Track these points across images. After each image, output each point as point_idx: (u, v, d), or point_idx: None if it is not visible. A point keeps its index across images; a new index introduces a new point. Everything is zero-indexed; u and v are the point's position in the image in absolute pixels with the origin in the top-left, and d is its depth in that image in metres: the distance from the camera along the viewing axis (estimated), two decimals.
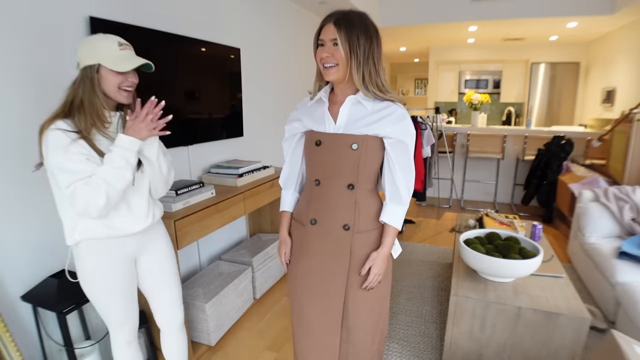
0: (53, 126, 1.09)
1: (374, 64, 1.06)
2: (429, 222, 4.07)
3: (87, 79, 1.12)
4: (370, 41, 1.04)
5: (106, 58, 1.12)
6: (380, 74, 1.08)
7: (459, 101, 6.83)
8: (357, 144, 1.09)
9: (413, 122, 3.62)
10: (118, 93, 1.17)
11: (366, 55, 1.04)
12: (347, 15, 1.04)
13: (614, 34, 4.78)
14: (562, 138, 3.86)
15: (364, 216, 1.15)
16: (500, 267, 1.70)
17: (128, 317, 1.34)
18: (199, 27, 2.30)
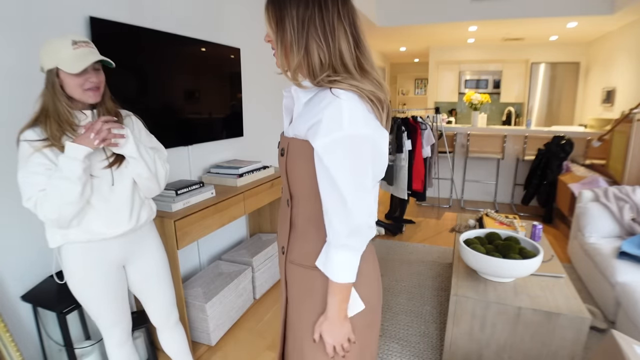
0: (21, 137, 1.09)
1: (318, 40, 0.75)
2: (429, 222, 4.07)
3: (49, 83, 1.09)
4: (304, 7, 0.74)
5: (61, 60, 1.07)
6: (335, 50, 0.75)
7: (459, 101, 6.83)
8: (284, 148, 0.84)
9: (413, 122, 3.66)
10: (84, 94, 1.12)
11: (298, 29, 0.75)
12: None
13: (614, 34, 4.78)
14: (562, 138, 3.86)
15: (299, 245, 0.88)
16: (500, 267, 1.70)
17: (117, 319, 1.32)
18: (199, 27, 2.30)
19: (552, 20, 4.36)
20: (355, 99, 0.74)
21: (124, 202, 1.23)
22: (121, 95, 1.34)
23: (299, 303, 0.91)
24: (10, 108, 1.39)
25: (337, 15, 0.76)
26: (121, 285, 1.32)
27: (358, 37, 0.79)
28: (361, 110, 0.74)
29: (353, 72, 0.77)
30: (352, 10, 0.78)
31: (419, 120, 3.66)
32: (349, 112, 0.72)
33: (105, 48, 1.67)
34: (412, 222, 4.02)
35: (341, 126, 0.71)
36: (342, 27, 0.76)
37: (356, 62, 0.78)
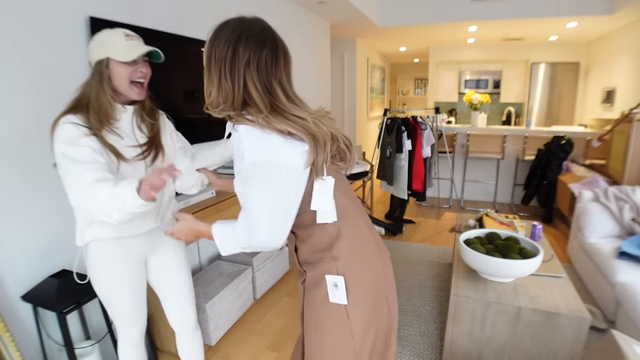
0: (64, 120, 1.06)
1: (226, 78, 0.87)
2: (429, 222, 4.07)
3: (96, 74, 1.10)
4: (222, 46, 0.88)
5: (113, 50, 1.08)
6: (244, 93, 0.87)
7: (459, 101, 6.83)
8: None
9: (413, 122, 3.66)
10: (129, 88, 1.13)
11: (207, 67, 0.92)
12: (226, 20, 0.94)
13: (614, 34, 4.78)
14: (562, 138, 3.86)
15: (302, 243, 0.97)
16: (500, 267, 1.70)
17: (137, 318, 1.33)
18: (199, 27, 2.30)
19: (552, 20, 4.36)
20: (251, 129, 0.84)
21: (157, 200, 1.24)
22: None
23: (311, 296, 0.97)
24: (11, 108, 1.39)
25: (246, 63, 0.85)
26: (143, 282, 1.33)
27: (269, 83, 0.87)
28: (258, 136, 0.83)
29: (263, 111, 0.85)
30: (267, 59, 0.88)
31: (419, 120, 3.66)
32: (248, 140, 0.84)
33: None
34: (412, 222, 4.02)
35: (243, 155, 0.84)
36: (250, 74, 0.86)
37: (268, 103, 0.86)
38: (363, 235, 0.99)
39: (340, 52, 5.63)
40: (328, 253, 0.93)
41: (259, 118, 0.84)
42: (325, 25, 4.34)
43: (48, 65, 1.49)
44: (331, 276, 0.92)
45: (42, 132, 1.48)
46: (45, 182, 1.51)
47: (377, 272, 0.98)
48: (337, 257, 0.92)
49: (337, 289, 0.92)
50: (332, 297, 0.93)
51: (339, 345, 0.94)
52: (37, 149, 1.46)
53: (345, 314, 0.92)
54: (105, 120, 1.11)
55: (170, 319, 1.46)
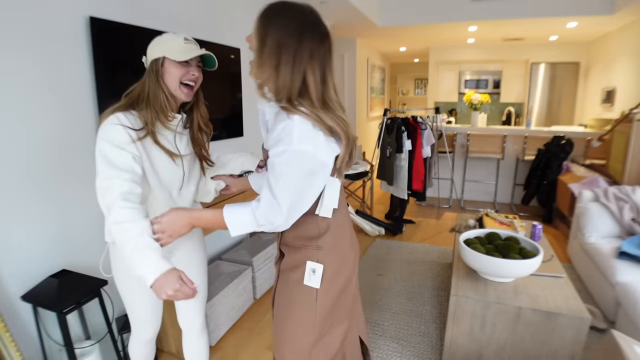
0: (115, 120, 1.06)
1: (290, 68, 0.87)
2: (429, 222, 4.07)
3: (152, 72, 1.12)
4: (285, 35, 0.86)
5: (171, 50, 1.12)
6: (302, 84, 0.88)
7: (459, 101, 6.83)
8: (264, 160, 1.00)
9: (413, 122, 3.66)
10: (179, 89, 1.15)
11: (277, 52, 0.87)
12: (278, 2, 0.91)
13: (614, 34, 4.78)
14: (562, 138, 3.86)
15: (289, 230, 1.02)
16: (500, 267, 1.70)
17: (153, 319, 1.35)
18: (199, 27, 2.30)
19: (552, 20, 4.36)
20: (304, 121, 0.86)
21: (185, 207, 1.27)
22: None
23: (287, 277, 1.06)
24: (11, 109, 1.39)
25: (309, 54, 0.87)
26: None
27: (325, 76, 0.91)
28: (309, 131, 0.87)
29: (315, 105, 0.89)
30: (326, 54, 0.91)
31: (419, 120, 3.66)
32: (299, 130, 0.86)
33: (105, 48, 1.67)
34: (412, 222, 4.02)
35: (291, 141, 0.85)
36: (311, 64, 0.88)
37: (320, 97, 0.90)
38: (346, 232, 1.08)
39: (340, 52, 5.64)
40: (314, 242, 1.00)
41: (314, 113, 0.87)
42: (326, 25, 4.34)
43: (48, 65, 1.49)
44: (312, 263, 1.00)
45: (42, 132, 1.48)
46: (46, 182, 1.51)
47: (349, 267, 1.07)
48: (321, 247, 1.01)
49: (313, 275, 1.00)
50: (307, 281, 1.01)
51: (300, 325, 1.02)
52: (36, 150, 1.46)
53: (315, 298, 1.01)
54: (162, 116, 1.13)
55: (179, 317, 1.46)
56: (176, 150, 1.20)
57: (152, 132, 1.11)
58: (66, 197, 1.59)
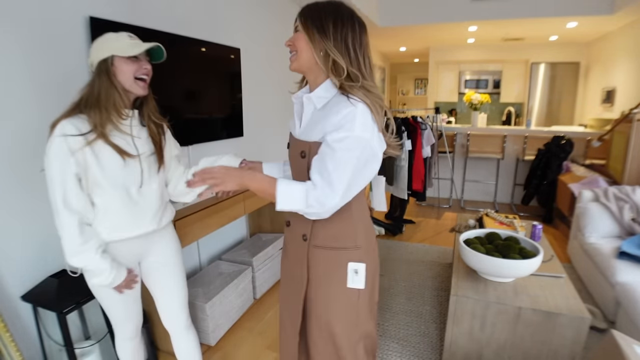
0: (59, 130, 1.08)
1: (347, 51, 0.93)
2: (429, 222, 4.07)
3: (102, 73, 1.12)
4: (340, 25, 0.93)
5: (118, 48, 1.12)
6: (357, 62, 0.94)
7: (459, 101, 6.83)
8: (305, 151, 1.00)
9: (413, 122, 3.66)
10: (134, 83, 1.16)
11: (334, 39, 0.92)
12: (317, 2, 0.98)
13: (614, 34, 4.78)
14: (562, 138, 3.86)
15: (323, 231, 1.03)
16: (500, 267, 1.70)
17: (130, 315, 1.36)
18: (199, 27, 2.30)
19: (552, 20, 4.36)
20: (366, 109, 0.92)
21: (150, 205, 1.27)
22: None
23: (325, 280, 1.06)
24: (11, 109, 1.39)
25: (360, 39, 0.96)
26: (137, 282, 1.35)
27: (369, 58, 0.99)
28: (369, 119, 0.92)
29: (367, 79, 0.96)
30: (367, 38, 0.99)
31: (418, 120, 3.66)
32: (362, 118, 0.90)
33: None
34: (412, 222, 4.02)
35: (353, 128, 0.89)
36: (361, 48, 0.95)
37: (370, 76, 0.97)
38: (372, 229, 1.13)
39: None
40: (351, 241, 1.04)
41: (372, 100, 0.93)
42: None
43: (48, 65, 1.49)
44: (353, 263, 1.04)
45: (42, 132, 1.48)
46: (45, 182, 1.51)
47: (377, 263, 1.15)
48: (359, 246, 1.04)
49: (356, 275, 1.04)
50: (351, 283, 1.04)
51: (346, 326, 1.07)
52: (36, 150, 1.46)
53: (357, 297, 1.06)
54: (115, 115, 1.14)
55: (163, 319, 1.48)
56: (134, 148, 1.20)
57: (102, 133, 1.12)
58: None
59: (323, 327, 1.08)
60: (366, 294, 1.08)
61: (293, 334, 1.14)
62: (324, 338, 1.09)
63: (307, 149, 0.99)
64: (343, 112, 0.90)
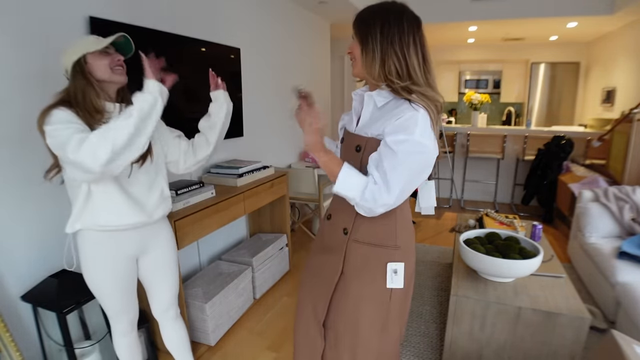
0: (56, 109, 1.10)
1: (396, 54, 0.94)
2: (429, 222, 4.07)
3: (77, 73, 1.15)
4: (387, 28, 0.93)
5: (87, 46, 1.15)
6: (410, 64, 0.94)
7: (459, 101, 6.83)
8: (361, 145, 1.02)
9: None
10: (113, 73, 1.19)
11: (381, 44, 0.94)
12: (368, 6, 0.99)
13: (614, 34, 4.78)
14: (562, 138, 3.86)
15: (364, 226, 1.06)
16: (500, 267, 1.70)
17: (125, 309, 1.37)
18: (199, 27, 2.30)
19: (552, 20, 4.36)
20: (427, 115, 0.93)
21: (138, 195, 1.28)
22: None
23: (359, 275, 1.07)
24: (10, 109, 1.39)
25: (412, 37, 0.95)
26: (131, 276, 1.36)
27: (425, 55, 0.97)
28: (429, 125, 0.93)
29: (421, 83, 0.95)
30: (423, 36, 0.98)
31: None
32: (422, 123, 0.92)
33: None
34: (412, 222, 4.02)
35: (414, 132, 0.91)
36: (414, 47, 0.95)
37: (423, 75, 0.96)
38: (411, 226, 1.15)
39: (340, 53, 5.63)
40: (392, 241, 1.06)
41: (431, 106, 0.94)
42: (325, 26, 4.34)
43: (48, 65, 1.49)
44: (393, 263, 1.05)
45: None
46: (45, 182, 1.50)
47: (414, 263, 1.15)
48: (399, 246, 1.06)
49: (396, 275, 1.06)
50: (390, 283, 1.06)
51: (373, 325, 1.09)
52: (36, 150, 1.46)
53: (389, 297, 1.07)
54: (95, 115, 1.16)
55: (153, 309, 1.51)
56: None
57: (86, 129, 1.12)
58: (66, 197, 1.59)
59: (350, 323, 1.09)
60: (400, 296, 1.09)
61: (315, 323, 1.15)
62: (349, 333, 1.10)
63: (364, 143, 1.01)
64: (405, 115, 0.92)
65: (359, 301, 1.08)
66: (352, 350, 1.11)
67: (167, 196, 1.41)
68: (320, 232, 1.21)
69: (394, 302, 1.09)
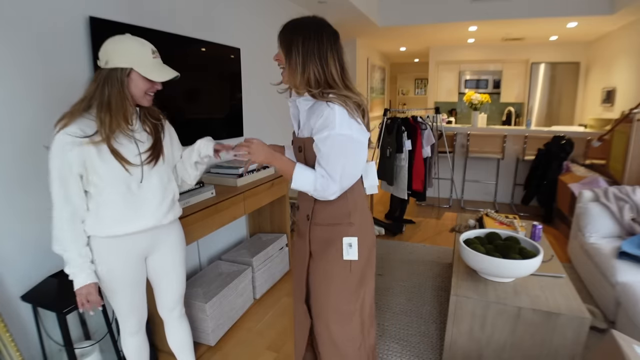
0: (61, 130, 1.11)
1: (315, 65, 1.07)
2: (429, 222, 4.07)
3: (116, 80, 1.13)
4: (307, 42, 1.06)
5: (140, 64, 1.14)
6: (328, 72, 1.08)
7: (459, 101, 6.83)
8: (301, 146, 1.17)
9: (413, 122, 3.66)
10: (143, 98, 1.20)
11: (303, 56, 1.06)
12: (291, 20, 1.12)
13: (614, 34, 4.78)
14: (562, 138, 3.86)
15: (320, 211, 1.20)
16: (500, 267, 1.70)
17: (134, 310, 1.38)
18: (199, 27, 2.30)
19: (552, 20, 4.36)
20: (343, 109, 1.06)
21: (151, 200, 1.28)
22: None
23: (322, 253, 1.22)
24: (9, 109, 1.39)
25: (330, 50, 1.09)
26: (142, 276, 1.37)
27: (342, 64, 1.13)
28: (346, 117, 1.07)
29: (340, 87, 1.10)
30: (341, 47, 1.13)
31: (419, 120, 3.66)
32: (340, 117, 1.05)
33: None
34: (412, 222, 4.02)
35: (334, 127, 1.05)
36: (332, 58, 1.09)
37: (341, 81, 1.11)
38: (367, 210, 1.29)
39: None
40: (346, 219, 1.19)
41: (347, 102, 1.07)
42: None
43: (48, 65, 1.49)
44: (347, 238, 1.19)
45: (42, 132, 1.48)
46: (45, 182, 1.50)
47: (372, 239, 1.29)
48: (353, 223, 1.20)
49: (350, 248, 1.20)
50: (346, 255, 1.20)
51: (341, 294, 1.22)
52: (36, 150, 1.46)
53: (349, 269, 1.21)
54: (124, 124, 1.17)
55: (159, 308, 1.52)
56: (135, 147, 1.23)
57: (107, 137, 1.14)
58: None
59: (321, 297, 1.24)
60: (359, 266, 1.23)
61: (300, 303, 1.30)
62: (322, 306, 1.24)
63: (303, 144, 1.16)
64: (324, 114, 1.06)
65: (326, 276, 1.22)
66: (326, 320, 1.25)
67: (177, 200, 1.42)
68: (297, 221, 1.33)
69: (354, 273, 1.22)
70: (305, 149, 1.16)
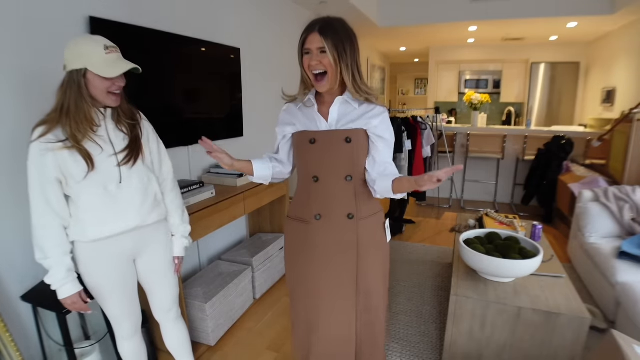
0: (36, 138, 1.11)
1: (358, 67, 1.16)
2: (429, 222, 4.07)
3: (73, 83, 1.11)
4: (353, 46, 1.13)
5: (93, 63, 1.10)
6: (362, 76, 1.18)
7: (459, 101, 6.83)
8: (351, 137, 1.18)
9: (413, 122, 3.66)
10: (107, 97, 1.16)
11: (351, 59, 1.13)
12: (329, 23, 1.12)
13: (614, 34, 4.78)
14: (562, 138, 3.86)
15: (364, 204, 1.25)
16: (500, 267, 1.70)
17: (126, 313, 1.36)
18: (199, 27, 2.30)
19: (552, 20, 4.36)
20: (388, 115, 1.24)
21: (131, 200, 1.26)
22: None
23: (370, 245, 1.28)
24: (8, 108, 1.39)
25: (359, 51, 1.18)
26: (131, 279, 1.36)
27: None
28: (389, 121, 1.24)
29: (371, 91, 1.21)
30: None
31: (419, 120, 3.66)
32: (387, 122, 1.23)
33: None
34: (412, 222, 4.02)
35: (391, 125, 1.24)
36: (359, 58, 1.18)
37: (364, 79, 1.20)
38: None
39: None
40: (378, 206, 1.32)
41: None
42: None
43: (48, 65, 1.49)
44: (386, 223, 1.34)
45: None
46: None
47: None
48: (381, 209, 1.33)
49: (388, 230, 1.34)
50: (388, 238, 1.34)
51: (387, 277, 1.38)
52: None
53: (388, 251, 1.38)
54: (87, 127, 1.14)
55: (154, 311, 1.50)
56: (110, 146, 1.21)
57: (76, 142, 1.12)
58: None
59: (378, 285, 1.31)
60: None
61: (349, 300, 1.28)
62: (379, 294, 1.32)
63: (353, 134, 1.18)
64: (383, 115, 1.20)
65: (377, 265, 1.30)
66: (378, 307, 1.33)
67: (161, 200, 1.39)
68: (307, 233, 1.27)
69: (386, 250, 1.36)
70: (359, 139, 1.19)
